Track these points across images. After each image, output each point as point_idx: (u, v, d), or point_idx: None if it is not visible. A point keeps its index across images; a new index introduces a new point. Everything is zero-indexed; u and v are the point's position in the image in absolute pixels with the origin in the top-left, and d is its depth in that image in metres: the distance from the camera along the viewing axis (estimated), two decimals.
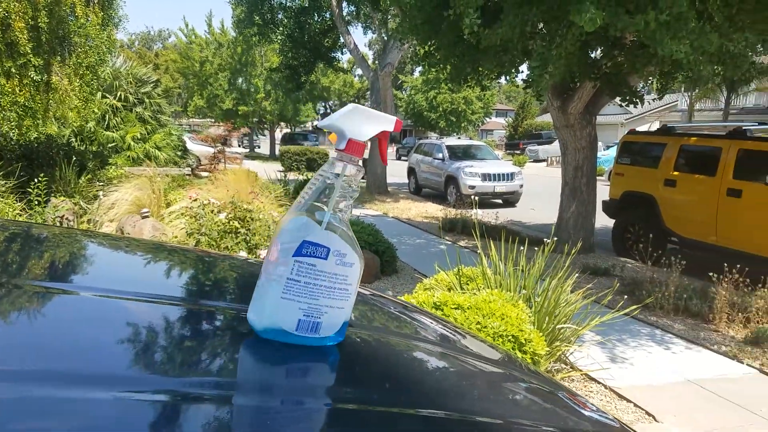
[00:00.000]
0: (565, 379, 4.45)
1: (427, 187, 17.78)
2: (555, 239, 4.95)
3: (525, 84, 8.96)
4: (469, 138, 34.05)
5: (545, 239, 4.87)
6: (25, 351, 0.67)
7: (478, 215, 9.06)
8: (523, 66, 8.81)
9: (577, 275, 4.96)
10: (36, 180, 7.27)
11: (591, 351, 4.93)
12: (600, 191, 9.58)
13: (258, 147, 46.98)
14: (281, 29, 18.23)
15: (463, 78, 9.35)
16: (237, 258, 1.68)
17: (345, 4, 17.22)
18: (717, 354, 5.23)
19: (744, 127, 7.91)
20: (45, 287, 0.91)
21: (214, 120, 36.36)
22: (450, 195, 15.59)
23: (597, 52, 8.71)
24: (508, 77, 9.33)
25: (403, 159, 31.09)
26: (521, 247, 4.80)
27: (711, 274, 6.12)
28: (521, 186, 15.74)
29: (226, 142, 19.19)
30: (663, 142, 8.81)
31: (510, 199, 15.75)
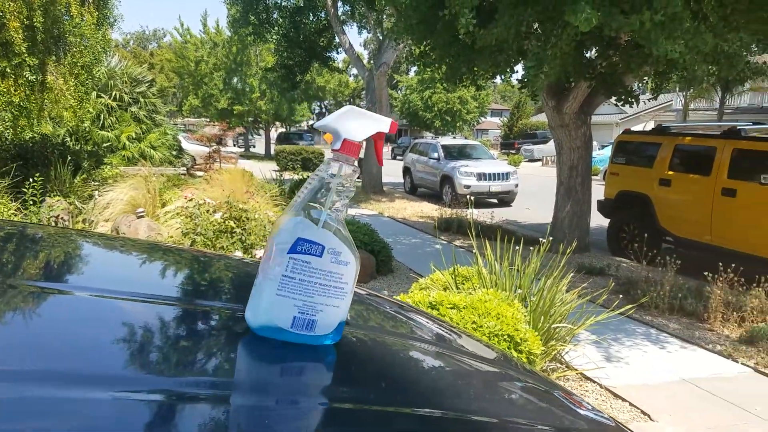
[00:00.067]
0: (561, 379, 4.46)
1: (423, 187, 17.78)
2: (550, 239, 4.96)
3: (520, 84, 8.98)
4: (465, 137, 34.10)
5: (540, 239, 4.88)
6: (21, 351, 0.67)
7: (473, 215, 9.08)
8: (519, 66, 8.84)
9: (573, 275, 4.97)
10: (31, 180, 7.24)
11: (586, 350, 4.94)
12: (595, 191, 9.60)
13: (253, 146, 46.96)
14: (276, 29, 18.21)
15: (459, 78, 9.35)
16: (232, 258, 1.68)
17: (340, 3, 17.19)
18: (712, 353, 5.25)
19: (738, 127, 7.93)
20: (40, 287, 0.91)
21: (209, 119, 36.27)
22: (445, 194, 15.60)
23: (592, 52, 8.72)
24: (503, 77, 9.34)
25: (399, 158, 31.13)
26: (517, 247, 4.80)
27: (706, 273, 6.15)
28: (516, 185, 15.76)
29: (221, 141, 19.19)
30: (658, 141, 8.83)
31: (505, 199, 15.77)
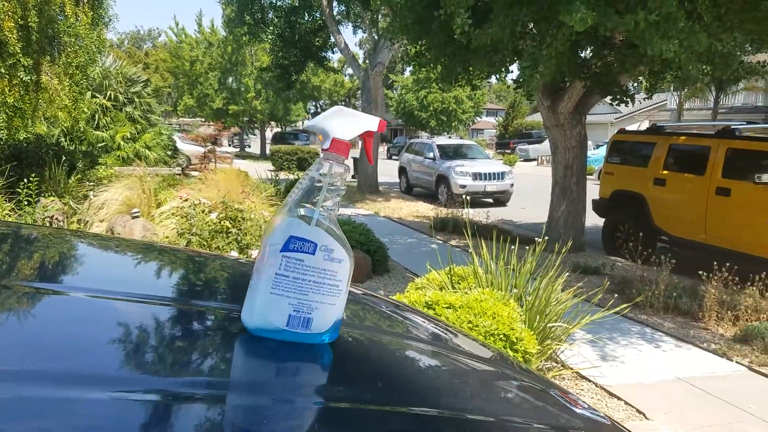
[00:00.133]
0: (557, 378, 4.47)
1: (418, 187, 17.79)
2: (546, 238, 4.96)
3: (515, 84, 8.98)
4: (460, 137, 34.08)
5: (536, 238, 4.89)
6: (16, 351, 0.67)
7: (469, 214, 9.07)
8: (514, 66, 8.83)
9: (568, 274, 4.97)
10: (26, 180, 7.21)
11: (582, 349, 4.95)
12: (590, 190, 9.62)
13: (248, 146, 46.86)
14: (271, 29, 18.20)
15: (454, 77, 9.36)
16: (228, 258, 1.68)
17: (335, 3, 17.20)
18: (706, 352, 5.27)
19: (733, 127, 7.96)
20: (35, 288, 0.91)
21: (204, 119, 36.19)
22: (441, 194, 15.60)
23: (587, 51, 8.73)
24: (498, 77, 9.35)
25: (394, 158, 31.13)
26: (512, 246, 4.81)
27: (700, 272, 6.16)
28: (512, 185, 15.79)
29: (216, 141, 19.11)
30: (652, 141, 8.85)
31: (501, 199, 15.79)
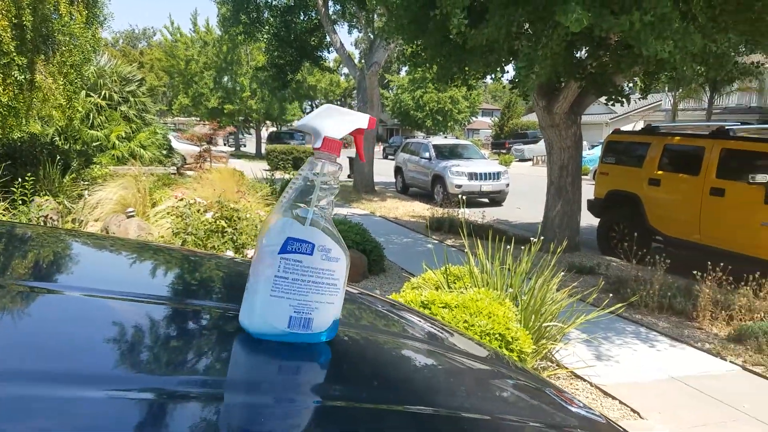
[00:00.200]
0: (552, 377, 4.47)
1: (414, 186, 17.80)
2: (541, 238, 4.97)
3: (511, 84, 9.00)
4: (456, 137, 34.09)
5: (531, 238, 4.90)
6: (12, 350, 0.67)
7: (464, 214, 9.09)
8: (509, 66, 8.84)
9: (563, 274, 4.99)
10: (20, 179, 7.18)
11: (577, 349, 4.96)
12: (585, 190, 9.64)
13: (244, 146, 46.81)
14: (267, 28, 18.16)
15: (450, 78, 9.36)
16: (224, 257, 1.68)
17: (331, 3, 17.17)
18: (701, 351, 5.29)
19: (727, 127, 7.99)
20: (30, 287, 0.91)
21: (199, 119, 36.12)
22: (437, 194, 15.62)
23: (582, 52, 8.75)
24: (494, 77, 9.36)
25: (390, 158, 31.14)
26: (508, 246, 4.81)
27: (695, 272, 6.19)
28: (507, 185, 15.81)
29: (211, 140, 19.12)
30: (647, 141, 8.88)
31: (496, 198, 15.81)
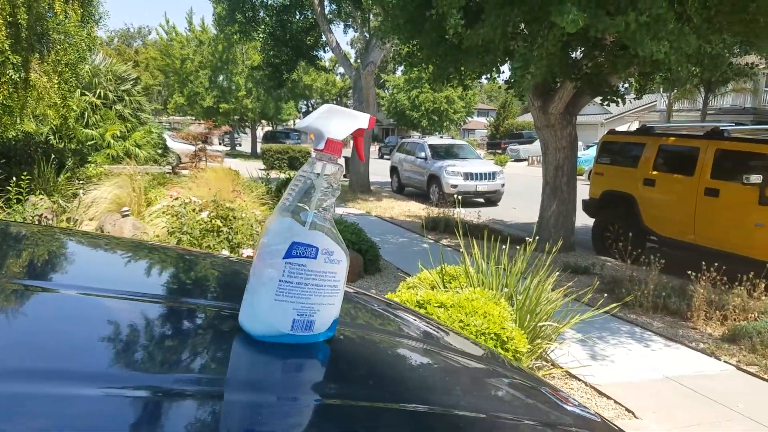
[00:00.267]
0: (547, 377, 4.48)
1: (410, 186, 17.80)
2: (536, 238, 4.98)
3: (507, 84, 9.00)
4: (451, 137, 34.13)
5: (527, 238, 4.90)
6: (7, 349, 0.67)
7: (460, 214, 9.10)
8: (505, 66, 8.85)
9: (558, 274, 4.99)
10: (14, 178, 7.15)
11: (572, 348, 4.97)
12: (580, 190, 9.66)
13: (239, 145, 46.72)
14: (263, 27, 18.13)
15: (446, 78, 9.36)
16: (219, 256, 1.68)
17: (327, 2, 17.17)
18: (695, 351, 5.31)
19: (721, 128, 8.01)
20: (24, 285, 0.91)
21: (194, 118, 36.07)
22: (432, 194, 15.63)
23: (578, 52, 8.77)
24: (489, 77, 9.37)
25: (386, 158, 31.10)
26: (503, 246, 4.82)
27: (689, 272, 6.20)
28: (503, 185, 15.83)
29: (206, 140, 19.02)
30: (642, 142, 8.90)
31: (492, 198, 15.83)
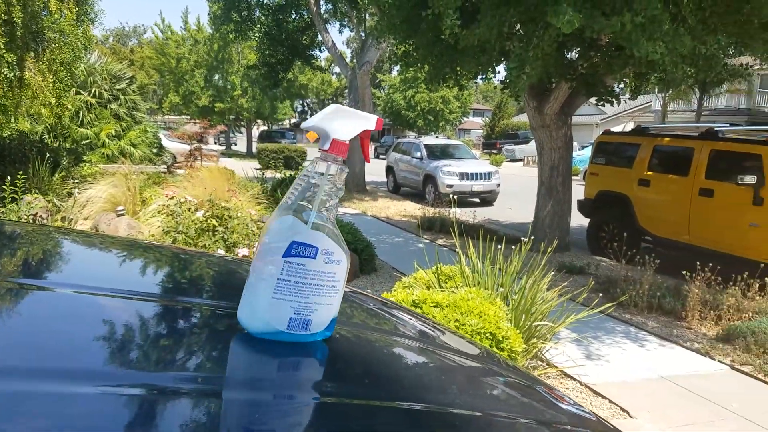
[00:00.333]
0: (542, 376, 4.49)
1: (406, 186, 17.79)
2: (531, 238, 4.99)
3: (502, 84, 9.01)
4: (447, 137, 34.13)
5: (522, 238, 4.91)
6: (3, 348, 0.66)
7: (456, 214, 9.09)
8: (501, 66, 8.85)
9: (553, 273, 5.00)
10: (9, 177, 7.13)
11: (567, 348, 4.98)
12: (575, 191, 9.68)
13: (235, 144, 46.66)
14: (258, 26, 18.09)
15: (442, 78, 9.37)
16: (215, 255, 1.68)
17: (323, 2, 17.14)
18: (689, 351, 5.33)
19: (716, 128, 8.04)
20: (19, 284, 0.90)
21: (190, 117, 35.95)
22: (428, 194, 15.63)
23: (573, 53, 8.78)
24: (485, 77, 9.38)
25: (382, 157, 31.07)
26: (499, 246, 4.82)
27: (684, 272, 6.23)
28: (498, 185, 15.85)
29: (202, 139, 19.04)
30: (637, 142, 8.92)
31: (487, 198, 15.84)
